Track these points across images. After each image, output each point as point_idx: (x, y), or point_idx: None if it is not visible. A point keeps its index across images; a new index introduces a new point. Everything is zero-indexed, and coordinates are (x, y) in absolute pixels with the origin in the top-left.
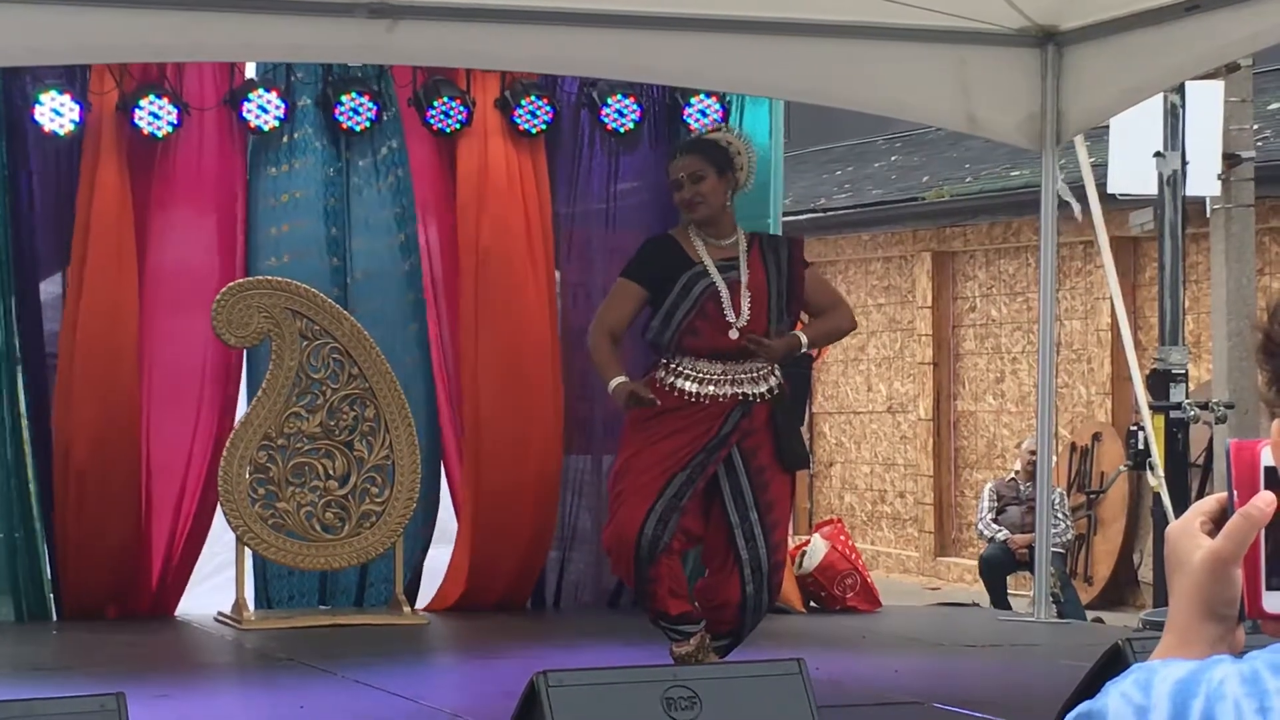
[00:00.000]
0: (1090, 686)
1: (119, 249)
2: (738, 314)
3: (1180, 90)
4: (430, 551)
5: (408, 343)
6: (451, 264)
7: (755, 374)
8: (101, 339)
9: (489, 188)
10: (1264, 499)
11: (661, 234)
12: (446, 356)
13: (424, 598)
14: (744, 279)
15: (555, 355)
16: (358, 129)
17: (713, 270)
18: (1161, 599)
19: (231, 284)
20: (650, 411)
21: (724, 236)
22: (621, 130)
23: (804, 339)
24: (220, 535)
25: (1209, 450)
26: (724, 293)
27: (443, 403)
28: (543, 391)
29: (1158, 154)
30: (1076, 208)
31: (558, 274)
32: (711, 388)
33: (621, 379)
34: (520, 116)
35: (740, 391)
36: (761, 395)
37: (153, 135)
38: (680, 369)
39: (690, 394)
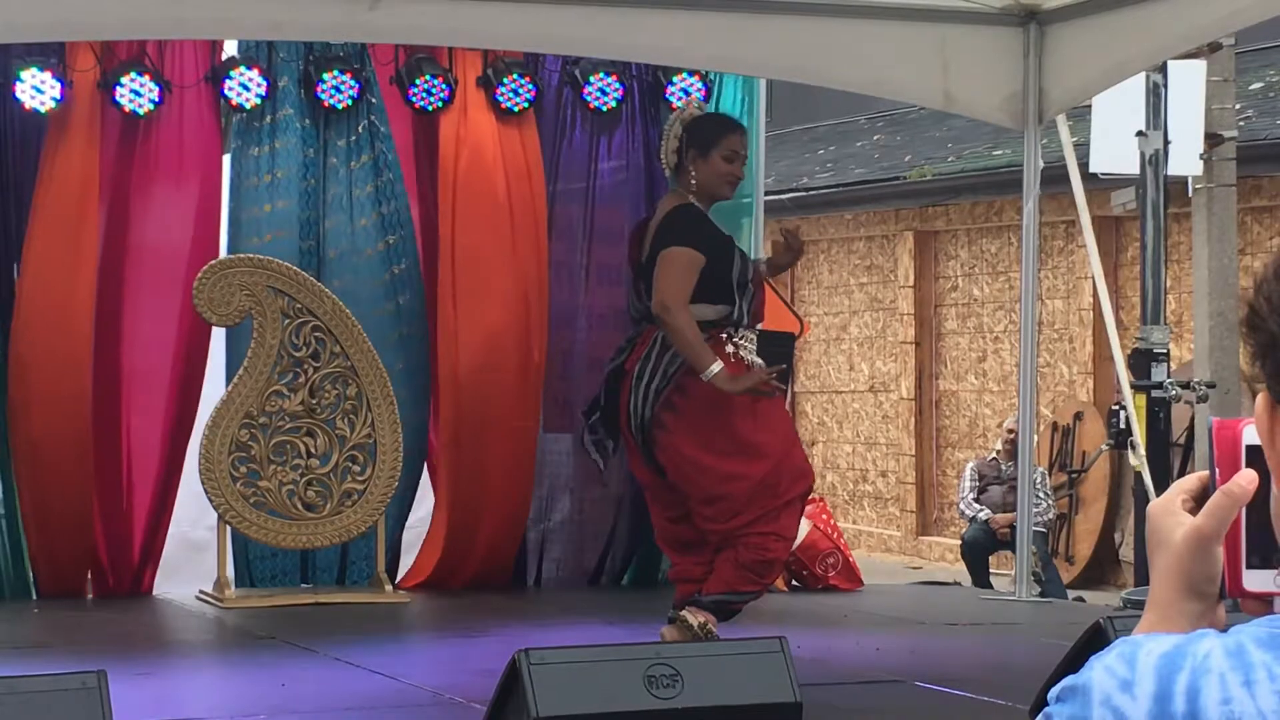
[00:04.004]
0: (1072, 664)
1: (80, 227)
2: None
3: (1162, 69)
4: (408, 525)
5: (385, 322)
6: (431, 242)
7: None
8: (57, 317)
9: (472, 166)
10: (1245, 477)
11: (686, 204)
12: (427, 334)
13: (402, 574)
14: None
15: (542, 333)
16: (339, 107)
17: (736, 242)
18: (1142, 578)
19: (213, 262)
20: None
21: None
22: (604, 109)
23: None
24: (198, 518)
25: (1190, 429)
26: (750, 264)
27: (429, 377)
28: (524, 369)
29: (1140, 133)
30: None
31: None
32: (757, 358)
33: (721, 363)
34: (503, 95)
35: (760, 362)
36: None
37: (134, 113)
38: (740, 342)
39: (757, 365)
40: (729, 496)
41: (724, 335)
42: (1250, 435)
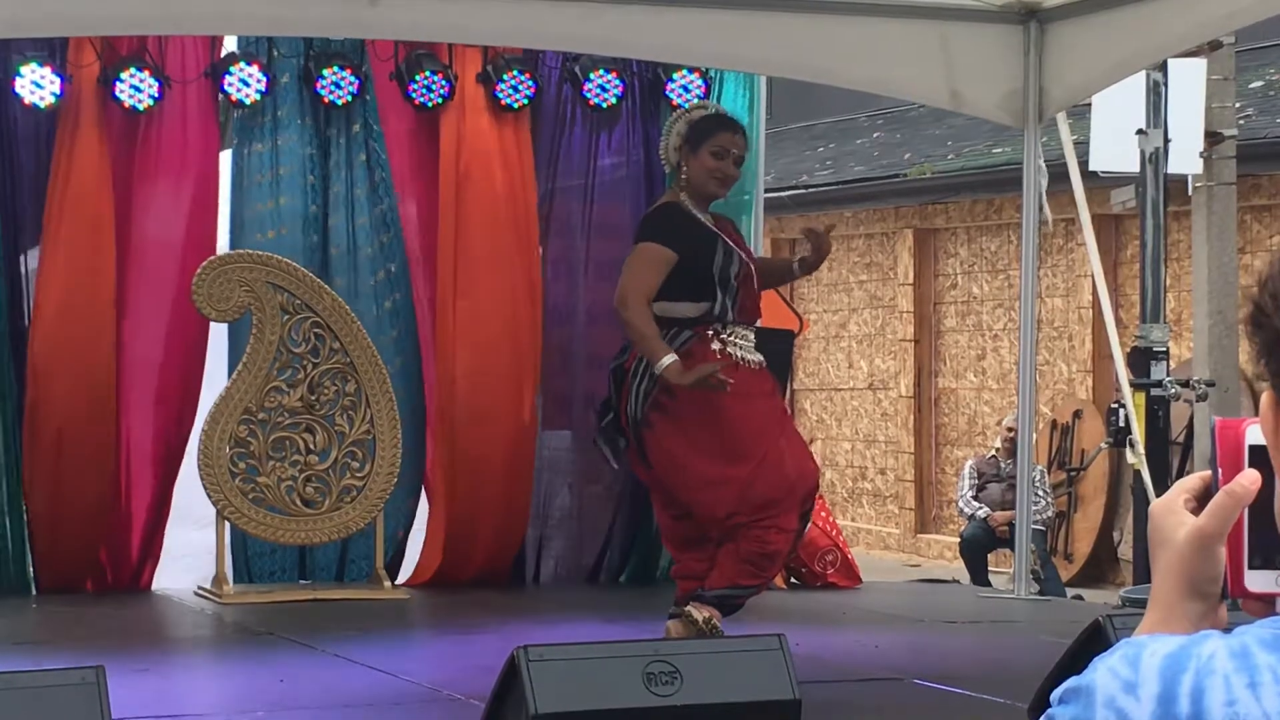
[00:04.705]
0: (1071, 663)
1: (96, 223)
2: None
3: (1163, 68)
4: (414, 527)
5: (383, 319)
6: (430, 239)
7: (753, 342)
8: (76, 313)
9: (471, 162)
10: (1248, 477)
11: (667, 201)
12: (424, 332)
13: (405, 573)
14: (737, 250)
15: (536, 331)
16: (339, 103)
17: (726, 239)
18: (1141, 576)
19: (212, 258)
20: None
21: (703, 214)
22: (604, 105)
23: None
24: (197, 514)
25: (1190, 428)
26: (739, 260)
27: (424, 378)
28: (521, 366)
29: (1140, 131)
30: (1046, 214)
31: (540, 249)
32: (754, 355)
33: (675, 356)
34: (502, 91)
35: (759, 359)
36: (761, 363)
37: (134, 108)
38: (732, 338)
39: (751, 362)
40: (720, 500)
41: (710, 332)
42: (1254, 435)
